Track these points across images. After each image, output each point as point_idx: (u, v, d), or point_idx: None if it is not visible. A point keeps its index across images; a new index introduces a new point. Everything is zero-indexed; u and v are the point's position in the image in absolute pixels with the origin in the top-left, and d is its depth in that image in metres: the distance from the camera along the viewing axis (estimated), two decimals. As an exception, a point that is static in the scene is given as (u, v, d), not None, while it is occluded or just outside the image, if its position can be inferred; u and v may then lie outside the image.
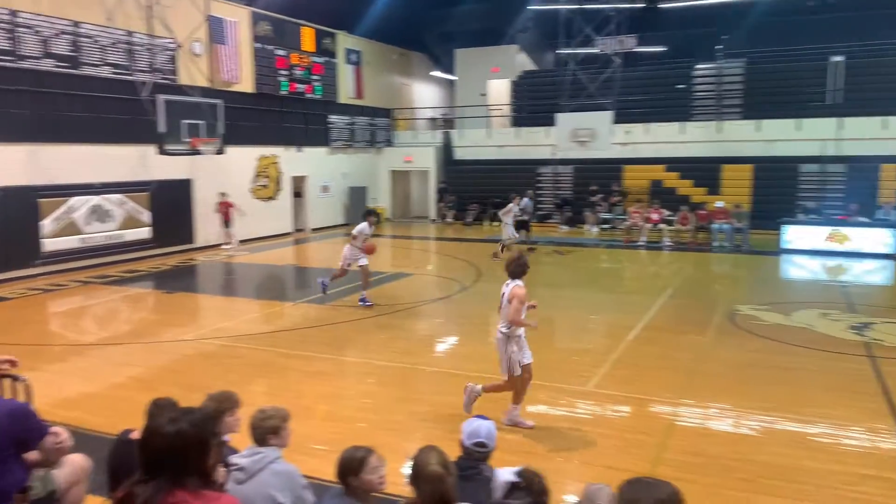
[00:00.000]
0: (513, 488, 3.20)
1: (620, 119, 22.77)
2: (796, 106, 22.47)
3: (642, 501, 2.19)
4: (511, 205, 17.61)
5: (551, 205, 25.05)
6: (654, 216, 20.44)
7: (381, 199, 27.39)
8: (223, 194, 18.97)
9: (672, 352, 9.22)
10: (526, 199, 19.70)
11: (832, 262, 16.71)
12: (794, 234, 18.22)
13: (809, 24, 26.17)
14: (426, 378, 8.33)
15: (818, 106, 22.51)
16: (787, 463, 5.76)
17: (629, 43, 22.97)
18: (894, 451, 6.01)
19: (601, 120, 21.64)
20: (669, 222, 20.33)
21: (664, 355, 9.05)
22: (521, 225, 18.57)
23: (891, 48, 23.57)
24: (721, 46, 26.21)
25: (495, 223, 24.72)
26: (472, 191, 25.98)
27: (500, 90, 29.05)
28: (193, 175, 18.74)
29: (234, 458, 3.59)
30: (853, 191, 20.33)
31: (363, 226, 11.81)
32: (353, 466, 3.27)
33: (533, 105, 27.43)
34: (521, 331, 6.51)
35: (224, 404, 3.94)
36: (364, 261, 11.83)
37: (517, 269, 6.50)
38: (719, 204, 20.22)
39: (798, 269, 16.55)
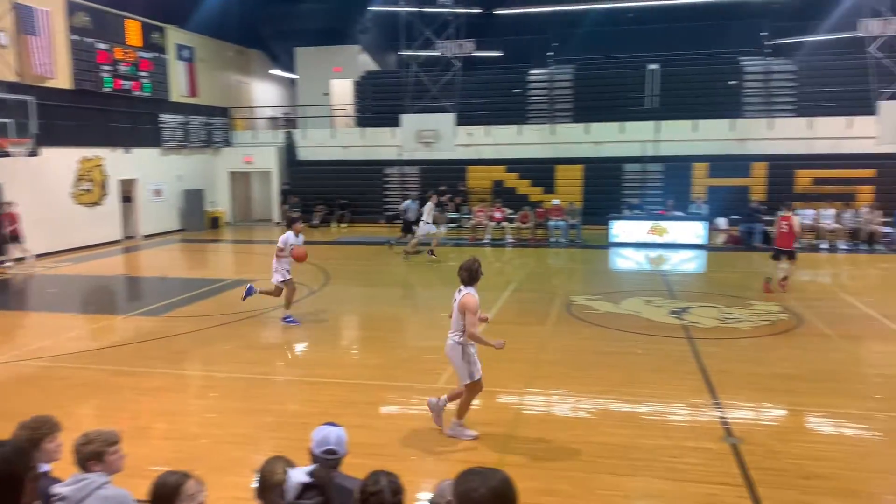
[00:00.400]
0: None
1: (463, 121, 23.40)
2: (619, 110, 24.30)
3: (476, 491, 2.27)
4: (429, 203, 17.57)
5: (399, 205, 25.24)
6: (497, 215, 21.24)
7: (221, 202, 26.19)
8: (7, 203, 16.48)
9: (516, 343, 9.57)
10: (409, 202, 20.07)
11: (654, 252, 18.27)
12: (621, 229, 19.71)
13: (630, 34, 28.43)
14: (274, 387, 8.06)
15: (638, 110, 24.50)
16: (621, 441, 6.19)
17: (468, 47, 23.63)
18: (711, 424, 6.66)
19: (444, 121, 22.13)
20: (511, 220, 21.21)
21: (509, 347, 9.32)
22: (406, 227, 18.83)
23: (697, 58, 26.21)
24: (552, 53, 27.78)
25: (343, 225, 24.56)
26: (318, 192, 25.53)
27: (343, 90, 28.81)
28: (2, 179, 16.82)
29: (56, 488, 3.25)
30: (670, 188, 22.37)
31: (288, 235, 10.73)
32: (164, 494, 3.00)
33: (377, 105, 27.48)
34: (474, 346, 6.18)
35: (40, 431, 3.54)
36: (288, 276, 10.81)
37: (468, 276, 6.14)
38: (555, 202, 21.41)
39: (625, 261, 17.89)
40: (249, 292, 10.93)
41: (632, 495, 5.33)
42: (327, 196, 25.25)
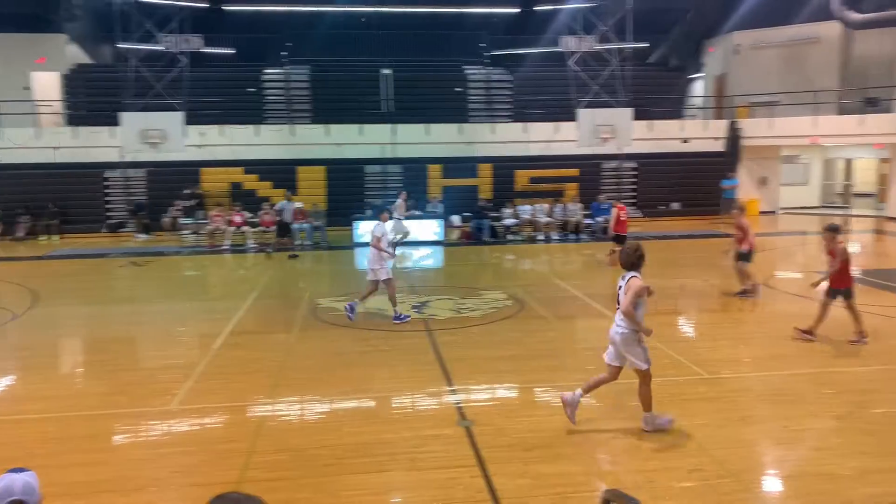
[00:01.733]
0: None
1: (193, 120, 22.09)
2: (358, 112, 24.78)
3: None
4: (399, 200, 18.72)
5: (124, 211, 23.04)
6: (237, 219, 20.37)
7: None
8: None
9: (259, 354, 9.28)
10: (284, 202, 19.00)
11: (397, 250, 18.88)
12: (365, 229, 20.03)
13: (364, 39, 29.09)
14: (-35, 432, 6.81)
15: (375, 113, 25.21)
16: (367, 439, 6.28)
17: (195, 42, 22.35)
18: (448, 410, 7.06)
19: (172, 120, 20.71)
20: (253, 224, 20.49)
21: (252, 359, 9.05)
22: (283, 230, 18.44)
23: (426, 65, 27.70)
24: (286, 53, 27.39)
25: (54, 237, 21.72)
26: (22, 200, 22.26)
27: (49, 84, 25.44)
28: None
29: None
30: (408, 188, 23.33)
31: (382, 225, 10.65)
32: None
33: (92, 102, 24.82)
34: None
35: None
36: (390, 272, 10.67)
37: (635, 261, 6.29)
38: (298, 204, 21.12)
39: (370, 260, 18.29)
40: (352, 309, 10.53)
41: (376, 491, 5.44)
42: (33, 204, 22.17)
